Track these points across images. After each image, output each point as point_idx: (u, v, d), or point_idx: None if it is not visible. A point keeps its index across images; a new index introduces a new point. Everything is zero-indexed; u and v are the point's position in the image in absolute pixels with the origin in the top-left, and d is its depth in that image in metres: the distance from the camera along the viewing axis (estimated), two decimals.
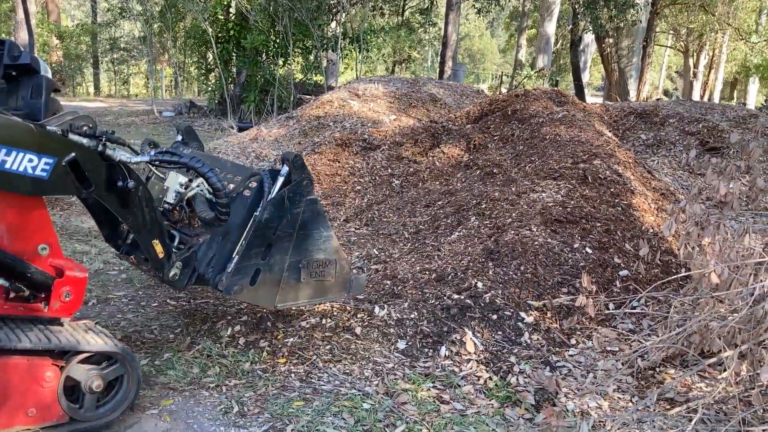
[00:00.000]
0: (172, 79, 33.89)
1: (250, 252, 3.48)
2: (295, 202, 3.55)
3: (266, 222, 3.47)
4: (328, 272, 3.85)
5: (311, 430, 3.33)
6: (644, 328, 4.55)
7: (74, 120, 3.10)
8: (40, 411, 2.97)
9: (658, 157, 8.68)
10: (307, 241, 3.68)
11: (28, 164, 2.80)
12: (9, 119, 2.78)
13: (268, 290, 3.63)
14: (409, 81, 12.59)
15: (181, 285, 3.68)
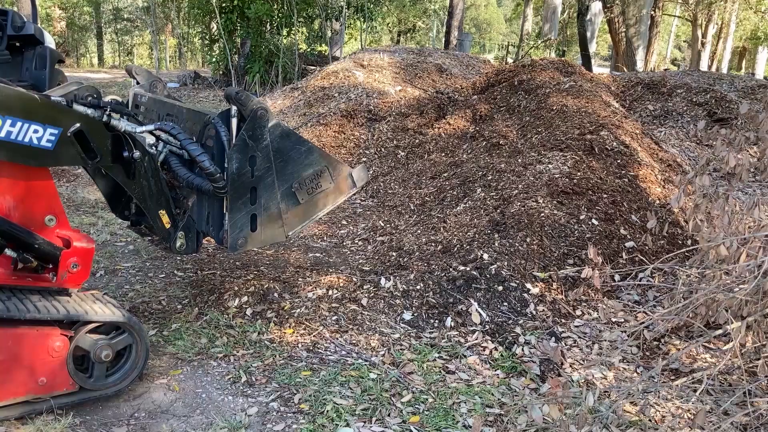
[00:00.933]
0: (176, 49, 33.70)
1: (237, 204, 3.36)
2: (258, 138, 3.35)
3: (238, 171, 3.30)
4: (323, 181, 3.70)
5: (318, 399, 3.36)
6: (650, 300, 4.56)
7: (79, 90, 3.10)
8: (50, 380, 3.01)
9: (666, 128, 8.62)
10: (288, 165, 3.52)
11: (33, 135, 2.80)
12: (14, 90, 2.77)
13: (272, 228, 3.54)
14: (415, 51, 12.47)
15: (191, 251, 3.66)
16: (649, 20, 20.53)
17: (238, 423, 3.16)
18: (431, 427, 3.17)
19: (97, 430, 3.09)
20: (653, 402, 3.37)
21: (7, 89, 2.75)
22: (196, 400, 3.39)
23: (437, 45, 29.15)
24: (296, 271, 4.92)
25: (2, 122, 2.71)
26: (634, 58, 19.50)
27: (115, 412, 3.24)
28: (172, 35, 31.40)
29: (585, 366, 3.70)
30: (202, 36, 20.64)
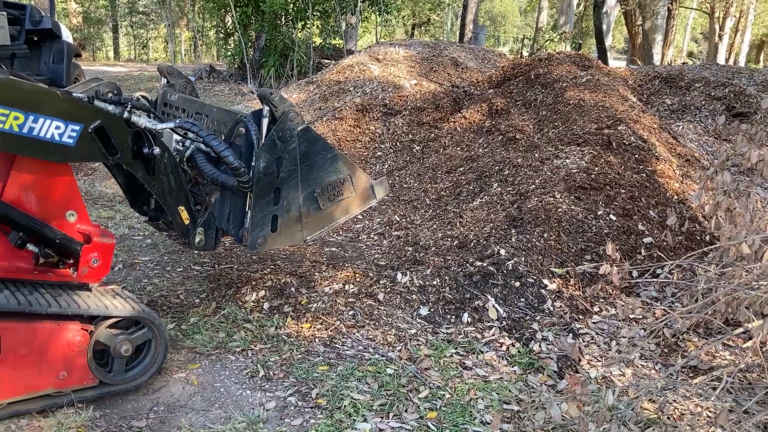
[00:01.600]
0: (191, 43, 33.80)
1: (260, 203, 3.40)
2: (287, 140, 3.40)
3: (265, 170, 3.35)
4: (345, 189, 3.75)
5: (336, 394, 3.37)
6: (668, 296, 4.53)
7: (99, 86, 3.12)
8: (70, 374, 3.04)
9: (684, 122, 8.54)
10: (313, 170, 3.57)
11: (55, 131, 2.82)
12: (36, 86, 2.80)
13: (292, 230, 3.58)
14: (430, 45, 12.42)
15: (210, 248, 3.70)
16: (666, 13, 20.35)
17: (256, 417, 3.18)
18: (448, 423, 3.17)
19: (116, 423, 3.11)
20: (672, 400, 3.35)
21: (30, 85, 2.78)
22: (214, 394, 3.41)
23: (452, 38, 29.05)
24: (313, 265, 4.93)
25: (24, 118, 2.73)
26: (650, 51, 19.36)
27: (135, 406, 3.27)
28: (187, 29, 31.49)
29: (604, 364, 3.69)
30: (217, 29, 20.68)
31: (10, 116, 2.70)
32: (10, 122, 2.71)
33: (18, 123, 2.73)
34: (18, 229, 2.91)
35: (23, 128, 2.74)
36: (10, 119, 2.71)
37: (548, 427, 3.10)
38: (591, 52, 20.46)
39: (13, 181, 2.91)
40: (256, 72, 16.58)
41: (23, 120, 2.74)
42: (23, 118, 2.73)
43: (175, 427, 3.11)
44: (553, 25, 28.74)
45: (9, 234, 2.93)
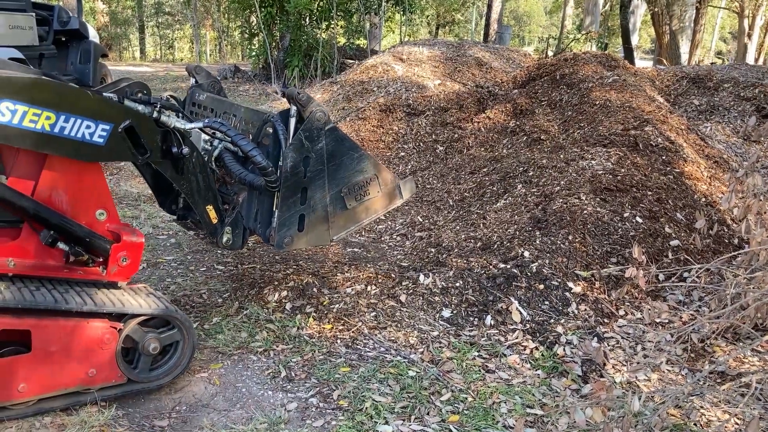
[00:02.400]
0: (216, 43, 34.04)
1: (287, 203, 3.41)
2: (315, 139, 3.41)
3: (292, 169, 3.36)
4: (372, 189, 3.75)
5: (357, 396, 3.36)
6: (695, 300, 4.46)
7: (129, 86, 3.15)
8: (99, 372, 3.07)
9: (712, 123, 8.41)
10: (340, 170, 3.57)
11: (86, 131, 2.85)
12: (67, 86, 2.82)
13: (318, 230, 3.58)
14: (454, 44, 12.38)
15: (237, 247, 3.72)
16: (694, 12, 20.07)
17: (277, 418, 3.18)
18: (471, 427, 3.14)
19: (139, 422, 3.13)
20: (699, 406, 3.30)
21: (61, 85, 2.81)
22: (236, 394, 3.42)
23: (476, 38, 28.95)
24: (335, 266, 4.93)
25: (56, 118, 2.76)
26: (678, 51, 19.10)
27: (157, 405, 3.29)
28: (212, 29, 31.72)
29: (630, 369, 3.64)
30: (242, 30, 20.79)
31: (42, 116, 2.73)
32: (42, 122, 2.74)
33: (50, 123, 2.76)
34: (49, 228, 2.95)
35: (54, 128, 2.78)
36: (42, 119, 2.74)
37: (572, 430, 3.07)
38: (617, 53, 20.27)
39: (44, 180, 2.95)
40: (280, 72, 16.65)
41: (54, 120, 2.77)
42: (54, 118, 2.77)
43: (197, 426, 3.12)
44: (578, 24, 28.52)
45: (40, 232, 2.96)
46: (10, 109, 2.66)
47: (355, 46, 18.16)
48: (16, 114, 2.67)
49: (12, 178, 2.93)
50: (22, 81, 2.69)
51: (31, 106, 2.70)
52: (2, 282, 2.92)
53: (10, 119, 2.67)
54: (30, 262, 3.01)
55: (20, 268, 2.98)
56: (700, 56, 23.33)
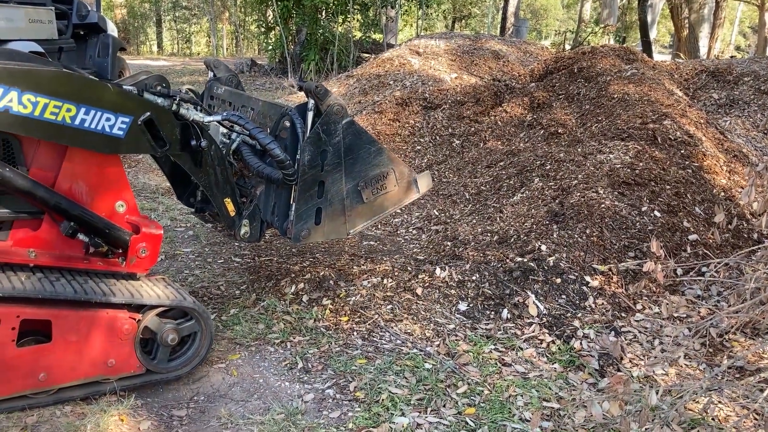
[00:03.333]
0: (232, 37, 34.13)
1: (305, 196, 3.43)
2: (332, 133, 3.43)
3: (310, 163, 3.38)
4: (389, 183, 3.75)
5: (374, 388, 3.38)
6: (713, 295, 4.43)
7: (148, 79, 3.17)
8: (118, 362, 3.11)
9: (731, 117, 8.33)
10: (357, 163, 3.57)
11: (106, 123, 2.88)
12: (87, 78, 2.85)
13: (335, 223, 3.59)
14: (471, 38, 12.35)
15: (255, 239, 3.74)
16: (714, 5, 19.85)
17: (294, 409, 3.20)
18: (487, 420, 3.15)
19: (157, 412, 3.16)
20: (717, 401, 3.28)
21: (82, 78, 2.83)
22: (253, 385, 3.44)
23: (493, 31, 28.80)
24: (351, 258, 4.94)
25: (76, 110, 2.79)
26: (697, 45, 18.92)
27: (175, 395, 3.32)
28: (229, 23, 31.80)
29: (647, 363, 3.62)
30: (259, 24, 20.83)
31: (62, 108, 2.76)
32: (63, 114, 2.77)
33: (70, 115, 2.79)
34: (69, 219, 2.98)
35: (75, 120, 2.80)
36: (63, 111, 2.76)
37: (589, 425, 3.06)
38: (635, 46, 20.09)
39: (64, 171, 2.98)
40: (296, 66, 16.67)
41: (75, 112, 2.79)
42: (75, 110, 2.79)
43: (214, 417, 3.15)
44: (596, 18, 28.30)
45: (61, 223, 2.99)
46: (31, 101, 2.68)
47: (372, 40, 18.14)
48: (38, 106, 2.70)
49: (33, 170, 2.96)
50: (43, 73, 2.72)
51: (52, 98, 2.73)
52: (23, 272, 2.95)
53: (31, 111, 2.69)
54: (50, 252, 3.04)
55: (41, 258, 3.01)
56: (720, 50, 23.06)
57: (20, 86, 2.65)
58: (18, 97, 2.65)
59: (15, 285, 2.81)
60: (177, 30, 38.04)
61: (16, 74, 2.64)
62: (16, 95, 2.65)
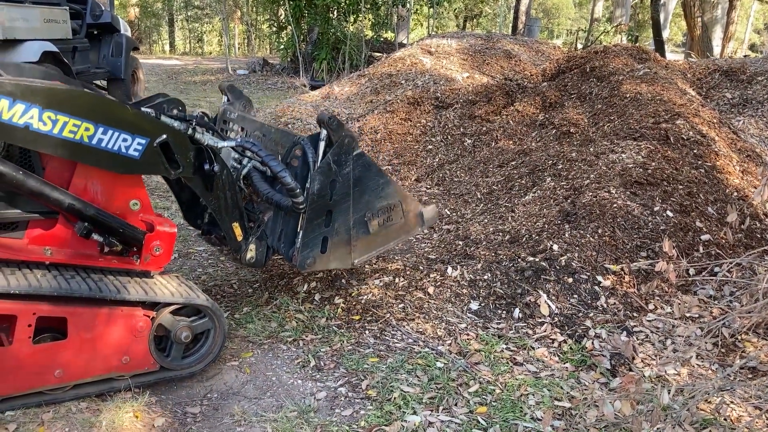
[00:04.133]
0: (244, 36, 34.22)
1: (312, 224, 3.49)
2: (342, 164, 3.50)
3: (319, 192, 3.45)
4: (395, 215, 3.81)
5: (386, 386, 3.39)
6: (726, 295, 4.41)
7: (165, 102, 3.23)
8: (133, 359, 3.14)
9: (745, 117, 8.28)
10: (365, 194, 3.64)
11: (122, 143, 2.94)
12: (107, 99, 2.90)
13: (340, 252, 3.64)
14: (483, 37, 12.33)
15: (260, 265, 3.79)
16: (727, 4, 19.72)
17: (307, 407, 3.22)
18: (498, 419, 3.16)
19: (171, 409, 3.19)
20: (729, 401, 3.27)
21: (101, 98, 2.88)
22: (266, 382, 3.47)
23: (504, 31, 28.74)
24: None
25: (95, 129, 2.84)
26: (710, 44, 18.80)
27: (189, 392, 3.35)
28: (241, 22, 31.89)
29: (659, 363, 3.62)
30: (270, 23, 20.90)
31: (81, 127, 2.81)
32: (81, 133, 2.82)
33: (88, 134, 2.84)
34: (83, 220, 3.01)
35: (93, 139, 2.85)
36: (81, 130, 2.82)
37: (600, 425, 3.06)
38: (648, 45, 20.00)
39: (79, 171, 3.01)
40: (308, 65, 16.71)
41: (93, 131, 2.85)
42: (93, 130, 2.85)
43: (228, 414, 3.17)
44: (608, 17, 28.19)
45: (75, 224, 3.03)
46: (51, 119, 2.73)
47: (383, 39, 18.16)
48: (57, 124, 2.75)
49: (48, 169, 3.00)
50: (64, 92, 2.77)
51: (72, 117, 2.78)
52: (39, 270, 2.99)
53: (51, 128, 2.74)
54: (66, 250, 3.08)
55: (57, 256, 3.05)
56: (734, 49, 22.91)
57: (42, 103, 2.70)
58: (39, 114, 2.70)
59: (31, 283, 2.84)
60: (189, 29, 38.20)
61: (38, 92, 2.69)
62: (37, 112, 2.70)
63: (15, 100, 2.63)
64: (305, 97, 10.52)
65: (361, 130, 8.24)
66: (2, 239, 2.96)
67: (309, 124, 8.81)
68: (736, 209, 3.51)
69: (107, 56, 10.93)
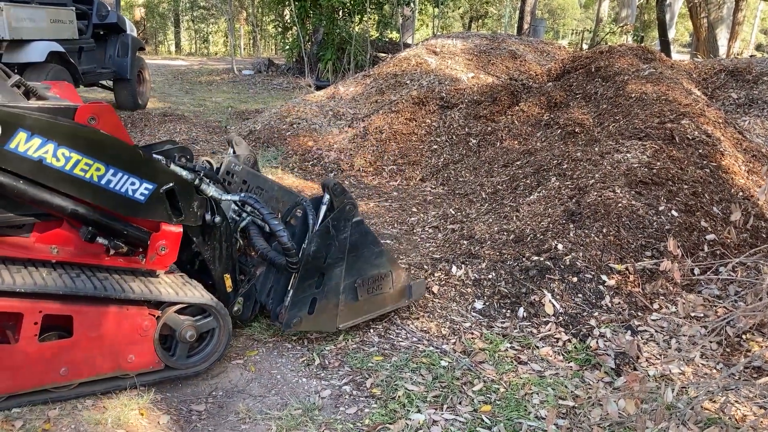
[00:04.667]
0: (250, 37, 34.28)
1: (303, 285, 3.53)
2: (341, 229, 3.57)
3: (314, 254, 3.50)
4: (384, 285, 3.87)
5: (390, 384, 3.40)
6: (731, 295, 4.41)
7: (173, 149, 3.28)
8: (138, 358, 3.15)
9: (750, 117, 8.26)
10: (358, 261, 3.70)
11: (130, 186, 2.98)
12: (121, 143, 2.93)
13: (327, 315, 3.68)
14: (488, 37, 12.32)
15: (245, 318, 3.84)
16: (733, 4, 19.65)
17: (312, 405, 3.23)
18: (503, 417, 3.16)
19: (177, 406, 3.20)
20: (734, 400, 3.27)
21: (116, 141, 2.91)
22: (271, 380, 3.48)
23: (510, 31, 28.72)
24: None
25: (105, 170, 2.88)
26: (716, 44, 18.73)
27: (194, 390, 3.36)
28: (247, 23, 31.95)
29: (663, 361, 3.62)
30: (276, 23, 20.93)
31: (92, 167, 2.85)
32: (92, 172, 2.86)
33: (98, 174, 2.88)
34: (87, 224, 3.03)
35: (102, 180, 2.89)
36: (92, 170, 2.86)
37: (604, 423, 3.06)
38: (653, 46, 19.96)
39: None
40: (313, 65, 16.74)
41: (104, 172, 2.89)
42: (104, 171, 2.89)
43: (233, 411, 3.19)
44: (614, 17, 28.15)
45: (79, 229, 3.05)
46: (65, 156, 2.77)
47: (388, 39, 18.17)
48: (70, 161, 2.79)
49: None
50: (81, 131, 2.81)
51: (85, 156, 2.82)
52: (45, 269, 3.00)
53: (63, 165, 2.78)
54: (72, 249, 3.10)
55: (63, 255, 3.06)
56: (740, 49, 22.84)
57: (58, 140, 2.74)
58: (54, 150, 2.75)
59: (37, 281, 2.86)
60: (195, 30, 38.27)
61: (56, 129, 2.74)
62: (52, 148, 2.74)
63: (33, 134, 2.69)
64: (310, 98, 10.53)
65: (366, 130, 8.25)
66: (9, 238, 2.98)
67: (314, 124, 8.83)
68: (740, 208, 3.51)
69: (113, 56, 10.97)
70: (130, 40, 11.10)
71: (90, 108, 2.91)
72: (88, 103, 2.98)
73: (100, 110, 2.92)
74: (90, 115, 2.89)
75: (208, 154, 7.99)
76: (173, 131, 9.53)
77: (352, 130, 8.45)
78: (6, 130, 2.63)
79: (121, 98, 11.25)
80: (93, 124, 2.88)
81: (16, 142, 2.67)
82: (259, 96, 14.88)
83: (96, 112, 2.91)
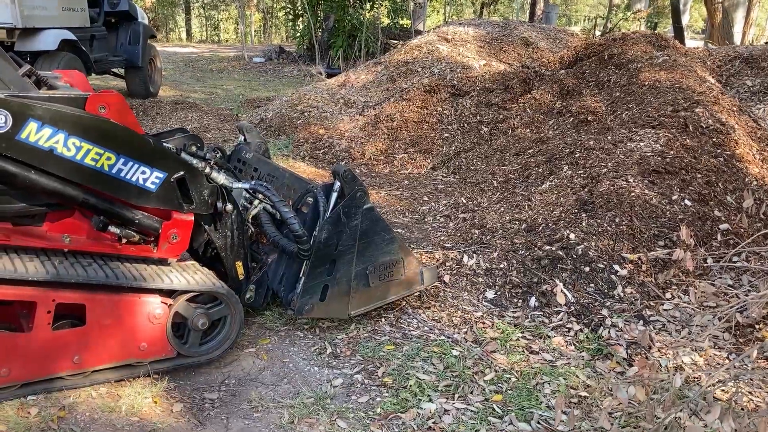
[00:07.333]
0: (260, 24, 34.22)
1: (315, 272, 3.54)
2: (352, 216, 3.57)
3: (326, 241, 3.51)
4: (396, 271, 3.86)
5: (401, 374, 3.41)
6: (744, 284, 4.38)
7: (185, 138, 3.29)
8: (151, 346, 3.17)
9: (765, 104, 8.17)
10: (369, 248, 3.70)
11: (141, 176, 2.99)
12: (131, 132, 2.93)
13: (339, 302, 3.68)
14: (500, 24, 12.22)
15: (257, 305, 3.85)
16: None
17: (323, 393, 3.24)
18: (514, 407, 3.16)
19: (190, 394, 3.23)
20: (746, 390, 3.26)
21: (127, 131, 2.92)
22: (283, 369, 3.49)
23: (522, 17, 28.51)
24: None
25: (116, 159, 2.90)
26: (731, 31, 18.49)
27: (207, 378, 3.38)
28: (257, 10, 31.89)
29: (671, 345, 3.60)
30: (287, 11, 20.87)
31: (103, 156, 2.87)
32: (102, 161, 2.87)
33: (109, 163, 2.89)
34: (99, 214, 3.05)
35: (113, 169, 2.91)
36: (103, 159, 2.87)
37: (616, 412, 3.06)
38: (667, 32, 19.75)
39: None
40: (324, 53, 16.69)
41: (114, 161, 2.90)
42: (115, 160, 2.90)
43: (245, 400, 3.20)
44: (627, 4, 27.87)
45: (91, 218, 3.07)
46: (75, 146, 2.79)
47: (399, 27, 18.08)
48: (80, 150, 2.81)
49: None
50: (91, 121, 2.83)
51: (95, 145, 2.83)
52: (58, 258, 3.02)
53: (74, 154, 2.80)
54: (84, 238, 3.11)
55: (75, 244, 3.08)
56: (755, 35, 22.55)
57: (68, 130, 2.76)
58: (64, 140, 2.76)
59: (50, 270, 2.87)
60: (206, 17, 38.20)
61: (66, 118, 2.75)
62: (63, 137, 2.76)
63: (43, 125, 2.70)
64: (321, 85, 10.51)
65: (377, 118, 8.23)
66: (22, 228, 3.00)
67: (324, 112, 8.81)
68: (752, 195, 3.48)
69: (125, 44, 10.98)
70: (141, 27, 11.10)
71: (100, 97, 2.92)
72: (99, 92, 2.98)
73: (110, 99, 2.93)
74: (100, 104, 2.89)
75: (219, 142, 8.00)
76: (185, 119, 9.54)
77: (363, 118, 8.43)
78: (17, 120, 2.65)
79: (132, 86, 11.27)
80: (103, 113, 2.89)
81: (27, 132, 2.68)
82: (270, 84, 14.87)
83: (106, 101, 2.91)
